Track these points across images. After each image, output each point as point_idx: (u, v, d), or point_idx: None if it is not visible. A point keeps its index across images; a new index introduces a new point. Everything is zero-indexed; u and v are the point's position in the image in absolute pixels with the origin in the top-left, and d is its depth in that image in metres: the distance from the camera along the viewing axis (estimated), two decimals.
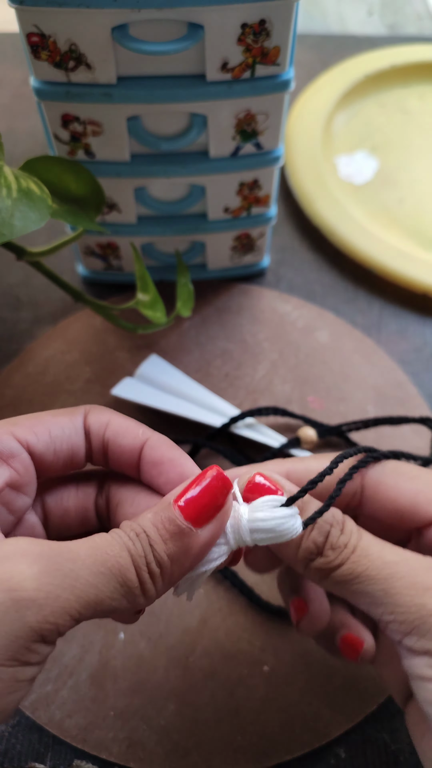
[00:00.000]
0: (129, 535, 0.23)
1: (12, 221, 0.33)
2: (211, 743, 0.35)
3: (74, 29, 0.34)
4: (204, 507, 0.23)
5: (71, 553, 0.21)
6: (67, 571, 0.21)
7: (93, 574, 0.21)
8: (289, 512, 0.25)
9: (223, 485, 0.24)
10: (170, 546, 0.23)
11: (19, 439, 0.25)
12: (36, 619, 0.20)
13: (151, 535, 0.23)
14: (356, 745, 0.36)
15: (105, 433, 0.27)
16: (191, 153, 0.42)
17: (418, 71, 0.66)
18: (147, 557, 0.22)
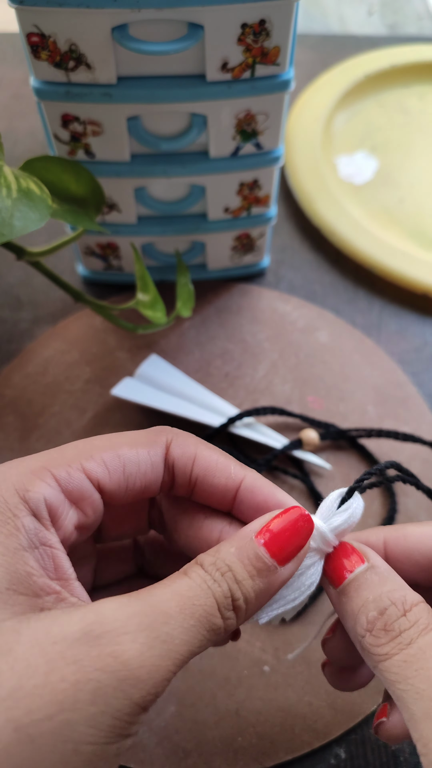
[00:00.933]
0: (214, 576, 0.22)
1: (12, 221, 0.33)
2: (211, 744, 0.35)
3: (74, 29, 0.34)
4: (290, 546, 0.23)
5: (164, 614, 0.21)
6: (165, 637, 0.20)
7: (185, 630, 0.21)
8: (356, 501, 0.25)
9: (308, 527, 0.24)
10: (257, 582, 0.22)
11: (91, 477, 0.23)
12: (140, 695, 0.20)
13: (237, 572, 0.22)
14: (356, 745, 0.36)
15: (193, 469, 0.25)
16: (191, 153, 0.42)
17: (418, 71, 0.66)
18: (234, 595, 0.22)
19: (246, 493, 0.25)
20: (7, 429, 0.45)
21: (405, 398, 0.47)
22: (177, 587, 0.21)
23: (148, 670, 0.20)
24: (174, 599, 0.21)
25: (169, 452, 0.25)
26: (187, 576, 0.22)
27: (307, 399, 0.47)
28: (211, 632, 0.21)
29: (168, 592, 0.21)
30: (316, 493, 0.43)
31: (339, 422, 0.46)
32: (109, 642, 0.19)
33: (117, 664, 0.19)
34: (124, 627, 0.20)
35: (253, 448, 0.44)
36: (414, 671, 0.21)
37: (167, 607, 0.21)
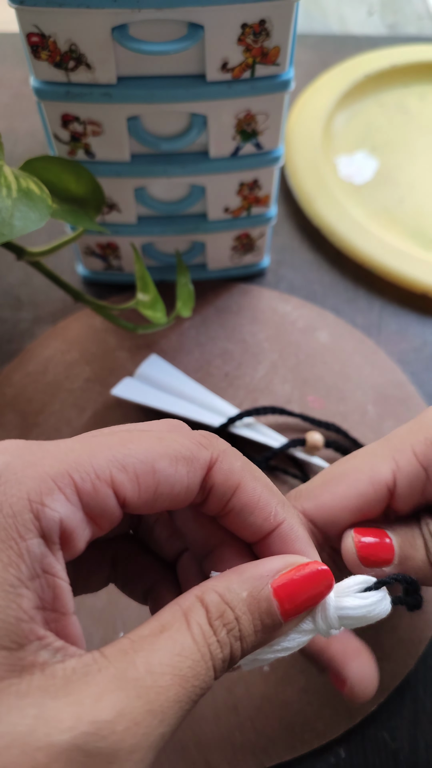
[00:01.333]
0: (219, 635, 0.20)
1: (12, 221, 0.33)
2: (209, 741, 0.35)
3: (74, 29, 0.34)
4: (302, 604, 0.21)
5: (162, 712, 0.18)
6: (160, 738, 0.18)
7: (178, 719, 0.19)
8: (378, 596, 0.23)
9: (328, 584, 0.22)
10: (258, 638, 0.21)
11: (118, 494, 0.20)
12: None
13: (244, 628, 0.20)
14: (356, 745, 0.36)
15: (231, 500, 0.22)
16: (191, 153, 0.42)
17: (418, 71, 0.66)
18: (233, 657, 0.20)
19: (277, 540, 0.23)
20: (8, 427, 0.45)
21: (405, 398, 0.47)
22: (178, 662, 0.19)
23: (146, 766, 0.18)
24: (174, 685, 0.18)
25: (210, 475, 0.22)
26: (189, 630, 0.19)
27: (307, 399, 0.47)
28: (198, 696, 0.19)
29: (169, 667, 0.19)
30: None
31: (339, 422, 0.46)
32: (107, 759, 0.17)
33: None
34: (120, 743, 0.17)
35: (254, 448, 0.44)
36: None
37: (166, 698, 0.18)
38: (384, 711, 0.37)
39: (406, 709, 0.37)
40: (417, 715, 0.37)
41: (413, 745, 0.36)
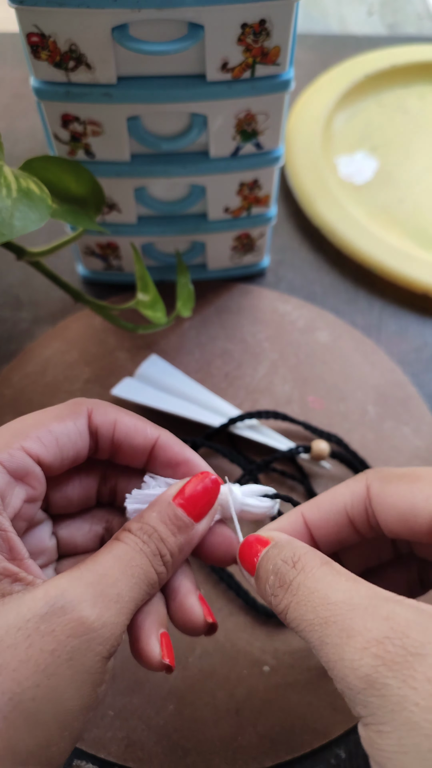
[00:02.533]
0: (142, 538, 0.26)
1: (12, 221, 0.33)
2: (210, 743, 0.35)
3: (74, 29, 0.34)
4: (201, 505, 0.27)
5: (111, 578, 0.24)
6: (116, 598, 0.24)
7: (130, 588, 0.24)
8: (271, 503, 0.29)
9: (214, 486, 0.27)
10: (179, 538, 0.26)
11: (31, 454, 0.26)
12: (106, 648, 0.23)
13: (161, 532, 0.26)
14: (356, 745, 0.36)
15: (114, 434, 0.28)
16: (191, 153, 0.42)
17: (418, 71, 0.66)
18: (161, 551, 0.26)
19: (159, 451, 0.28)
20: None
21: (405, 398, 0.47)
22: (116, 553, 0.25)
23: (109, 629, 0.23)
24: (116, 565, 0.24)
25: (91, 420, 0.28)
26: (122, 542, 0.25)
27: (307, 399, 0.47)
28: (149, 586, 0.25)
29: (110, 559, 0.25)
30: (314, 494, 0.43)
31: (339, 422, 0.46)
32: (73, 611, 0.22)
33: (84, 628, 0.22)
34: (82, 596, 0.23)
35: (253, 449, 0.44)
36: (303, 609, 0.24)
37: (112, 573, 0.24)
38: None
39: None
40: None
41: None
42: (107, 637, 0.23)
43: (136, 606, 0.25)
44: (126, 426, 0.28)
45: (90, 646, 0.22)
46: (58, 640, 0.22)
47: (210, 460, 0.44)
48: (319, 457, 0.42)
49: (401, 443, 0.45)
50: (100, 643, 0.23)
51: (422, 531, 0.26)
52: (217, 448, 0.42)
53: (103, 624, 0.23)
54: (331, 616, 0.22)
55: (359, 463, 0.43)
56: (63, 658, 0.22)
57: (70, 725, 0.22)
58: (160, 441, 0.28)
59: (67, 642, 0.22)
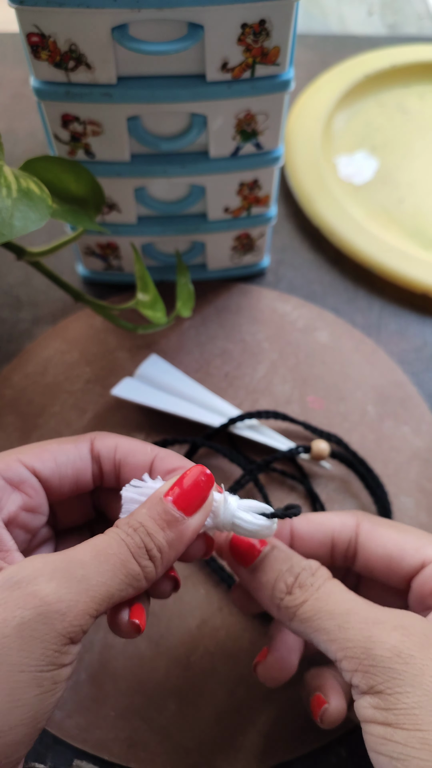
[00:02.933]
0: (126, 531, 0.25)
1: (12, 221, 0.33)
2: (212, 743, 0.35)
3: (74, 29, 0.34)
4: (193, 499, 0.27)
5: (79, 561, 0.24)
6: (80, 578, 0.23)
7: (100, 573, 0.24)
8: (267, 523, 0.28)
9: (207, 480, 0.27)
10: (168, 533, 0.26)
11: (26, 465, 0.28)
12: (63, 625, 0.23)
13: (148, 527, 0.26)
14: (357, 745, 0.36)
15: (115, 456, 0.29)
16: (191, 153, 0.42)
17: (418, 71, 0.66)
18: (147, 545, 0.25)
19: (159, 462, 0.29)
20: (8, 429, 0.45)
21: (405, 398, 0.47)
22: (93, 542, 0.25)
23: (66, 604, 0.23)
24: (89, 551, 0.25)
25: (93, 446, 0.29)
26: (105, 534, 0.26)
27: (306, 399, 0.47)
28: (129, 577, 0.25)
29: (86, 546, 0.25)
30: (313, 494, 0.43)
31: (339, 422, 0.46)
32: (28, 584, 0.23)
33: (36, 600, 0.22)
34: (40, 571, 0.23)
35: (253, 449, 0.44)
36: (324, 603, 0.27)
37: (82, 556, 0.24)
38: None
39: None
40: None
41: None
42: (64, 612, 0.23)
43: (108, 592, 0.24)
44: (127, 446, 0.29)
45: (42, 618, 0.22)
46: (8, 610, 0.22)
47: (210, 460, 0.44)
48: (319, 457, 0.42)
49: (401, 443, 0.45)
50: (56, 617, 0.22)
51: (402, 575, 0.30)
52: (217, 448, 0.42)
53: (59, 599, 0.23)
54: (353, 608, 0.26)
55: (359, 463, 0.43)
56: (11, 626, 0.22)
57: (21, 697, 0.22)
58: (159, 455, 0.29)
59: (18, 613, 0.22)
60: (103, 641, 0.38)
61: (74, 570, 0.24)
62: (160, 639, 0.38)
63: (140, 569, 0.25)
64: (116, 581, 0.24)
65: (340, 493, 0.43)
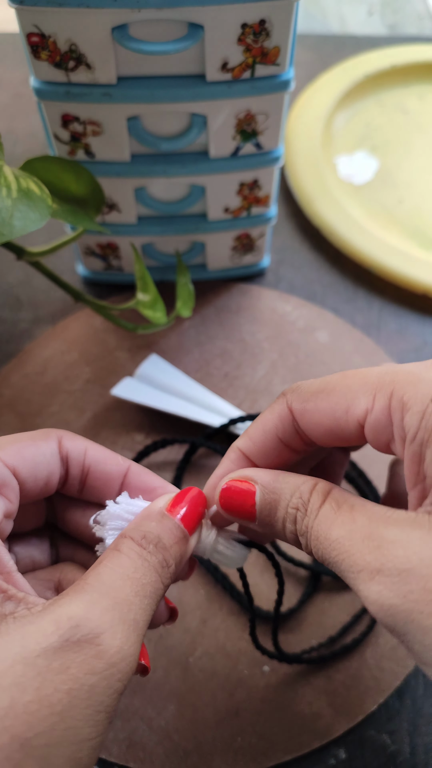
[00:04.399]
0: (148, 549, 0.24)
1: (12, 221, 0.33)
2: (211, 743, 0.35)
3: (74, 29, 0.34)
4: (195, 519, 0.26)
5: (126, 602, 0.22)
6: (133, 624, 0.22)
7: (144, 610, 0.23)
8: (242, 553, 0.28)
9: (204, 502, 0.27)
10: (177, 549, 0.25)
11: (8, 466, 0.25)
12: (123, 684, 0.21)
13: (165, 541, 0.25)
14: (356, 745, 0.36)
15: (85, 459, 0.27)
16: (191, 153, 0.42)
17: (418, 71, 0.66)
18: (167, 562, 0.24)
19: (134, 477, 0.28)
20: (6, 429, 0.45)
21: None
22: (125, 570, 0.23)
23: (128, 661, 0.21)
24: (128, 584, 0.23)
25: (61, 445, 0.27)
26: (124, 554, 0.24)
27: None
28: (157, 601, 0.24)
29: (119, 577, 0.23)
30: None
31: None
32: (90, 644, 0.20)
33: (103, 664, 0.20)
34: (100, 627, 0.21)
35: None
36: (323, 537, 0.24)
37: (125, 595, 0.22)
38: (383, 712, 0.37)
39: (406, 711, 0.37)
40: (416, 716, 0.36)
41: (412, 746, 0.36)
42: (126, 671, 0.21)
43: (147, 626, 0.23)
44: (97, 452, 0.28)
45: (109, 683, 0.20)
46: (74, 678, 0.20)
47: (209, 460, 0.44)
48: None
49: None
50: (120, 678, 0.21)
51: (352, 439, 0.26)
52: (216, 448, 0.42)
53: (123, 657, 0.21)
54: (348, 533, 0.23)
55: (358, 475, 0.43)
56: (80, 698, 0.20)
57: (83, 762, 0.20)
58: (133, 469, 0.28)
59: (85, 680, 0.20)
60: None
61: (126, 615, 0.22)
62: (159, 639, 0.38)
63: (164, 588, 0.24)
64: (151, 610, 0.23)
65: None
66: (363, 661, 0.38)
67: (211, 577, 0.40)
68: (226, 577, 0.39)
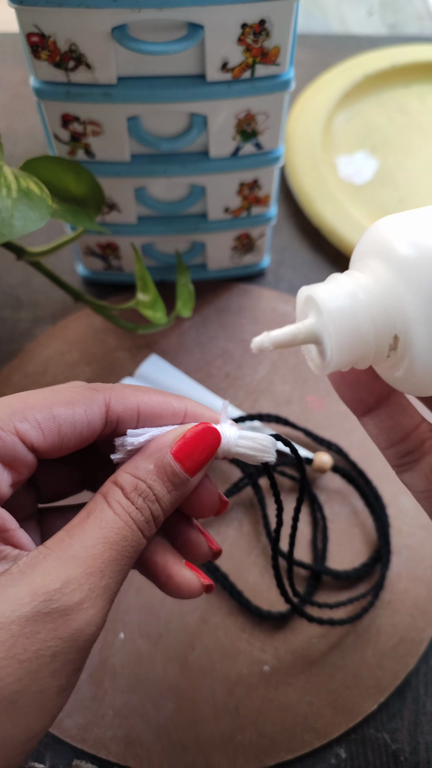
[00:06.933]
0: (136, 503, 0.24)
1: (12, 221, 0.33)
2: (210, 740, 0.35)
3: (74, 29, 0.34)
4: (201, 460, 0.25)
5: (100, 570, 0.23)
6: (105, 590, 0.23)
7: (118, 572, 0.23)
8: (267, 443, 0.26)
9: (215, 439, 0.25)
10: (173, 495, 0.24)
11: (25, 440, 0.23)
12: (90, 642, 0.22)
13: (157, 491, 0.24)
14: (356, 745, 0.36)
15: (139, 420, 0.25)
16: (191, 153, 0.42)
17: (418, 71, 0.66)
18: (155, 514, 0.24)
19: (189, 419, 0.26)
20: None
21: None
22: (107, 533, 0.23)
23: (95, 625, 0.22)
24: (107, 550, 0.23)
25: (110, 410, 0.25)
26: (110, 508, 0.23)
27: (306, 399, 0.47)
28: (137, 555, 0.24)
29: (99, 543, 0.23)
30: (312, 496, 0.43)
31: (338, 422, 0.46)
32: (61, 615, 0.22)
33: (71, 629, 0.22)
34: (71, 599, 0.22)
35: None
36: None
37: (102, 562, 0.23)
38: (384, 711, 0.37)
39: (407, 710, 0.37)
40: (418, 715, 0.36)
41: (414, 745, 0.36)
42: (93, 633, 0.22)
43: (120, 586, 0.24)
44: (150, 407, 0.26)
45: (76, 644, 0.22)
46: (42, 641, 0.22)
47: None
48: (321, 469, 0.42)
49: None
50: (87, 639, 0.22)
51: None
52: None
53: (89, 623, 0.22)
54: None
55: (358, 475, 0.43)
56: (46, 656, 0.22)
57: (50, 709, 0.22)
58: (189, 412, 0.26)
59: (52, 643, 0.22)
60: (103, 640, 0.38)
61: (97, 583, 0.22)
62: (158, 638, 0.38)
63: (145, 540, 0.24)
64: (127, 568, 0.24)
65: (340, 496, 0.43)
66: (364, 660, 0.38)
67: (211, 576, 0.40)
68: (227, 576, 0.39)
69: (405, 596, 0.40)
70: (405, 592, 0.40)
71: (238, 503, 0.43)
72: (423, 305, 0.20)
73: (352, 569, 0.40)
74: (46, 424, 0.24)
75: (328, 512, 0.42)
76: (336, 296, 0.21)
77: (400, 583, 0.40)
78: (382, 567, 0.40)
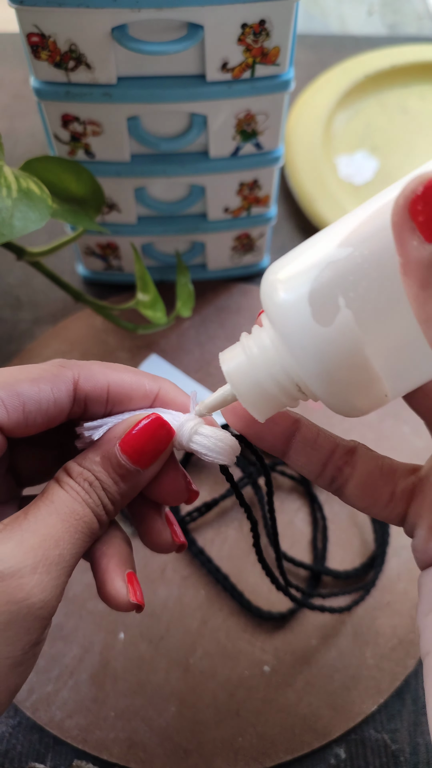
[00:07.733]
0: (84, 487, 0.24)
1: (12, 221, 0.33)
2: (211, 744, 0.35)
3: (74, 29, 0.34)
4: (151, 453, 0.25)
5: (54, 539, 0.23)
6: (58, 559, 0.23)
7: (73, 545, 0.23)
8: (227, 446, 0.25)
9: (166, 433, 0.25)
10: (122, 486, 0.25)
11: None
12: (45, 611, 0.22)
13: (103, 481, 0.24)
14: (356, 745, 0.36)
15: (108, 398, 0.25)
16: (191, 153, 0.42)
17: (418, 71, 0.66)
18: (103, 502, 0.24)
19: (161, 404, 0.26)
20: None
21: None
22: (58, 506, 0.24)
23: (50, 592, 0.22)
24: (60, 522, 0.23)
25: (78, 388, 0.25)
26: (62, 489, 0.24)
27: None
28: (91, 536, 0.24)
29: (53, 515, 0.23)
30: (312, 495, 0.43)
31: (338, 422, 0.45)
32: (13, 578, 0.22)
33: (23, 594, 0.22)
34: (23, 562, 0.22)
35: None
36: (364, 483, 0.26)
37: (56, 532, 0.23)
38: (384, 712, 0.37)
39: (406, 711, 0.37)
40: (417, 716, 0.36)
41: (413, 746, 0.36)
42: (48, 600, 0.22)
43: (77, 560, 0.24)
44: (121, 387, 0.25)
45: (30, 611, 0.22)
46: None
47: None
48: None
49: (401, 443, 0.45)
50: (41, 606, 0.22)
51: None
52: None
53: (43, 588, 0.22)
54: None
55: None
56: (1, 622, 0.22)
57: (5, 680, 0.22)
58: (161, 394, 0.26)
59: (5, 608, 0.22)
60: (104, 642, 0.38)
61: (51, 551, 0.23)
62: (159, 640, 0.38)
63: (99, 525, 0.24)
64: (84, 546, 0.24)
65: None
66: (363, 661, 0.38)
67: (212, 578, 0.40)
68: (227, 577, 0.39)
69: (404, 597, 0.40)
70: (404, 593, 0.40)
71: (237, 503, 0.43)
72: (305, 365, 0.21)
73: (352, 569, 0.40)
74: (9, 401, 0.24)
75: (328, 512, 0.42)
76: (234, 359, 0.23)
77: (399, 584, 0.40)
78: (376, 567, 0.40)
